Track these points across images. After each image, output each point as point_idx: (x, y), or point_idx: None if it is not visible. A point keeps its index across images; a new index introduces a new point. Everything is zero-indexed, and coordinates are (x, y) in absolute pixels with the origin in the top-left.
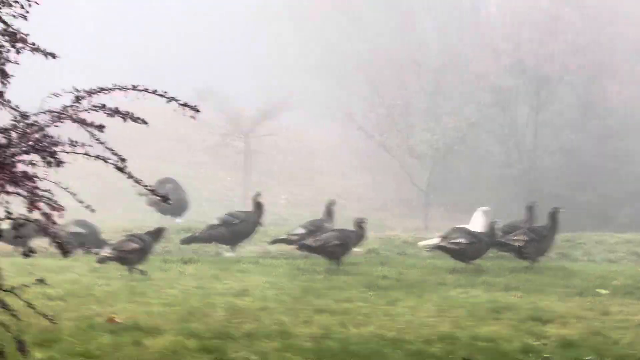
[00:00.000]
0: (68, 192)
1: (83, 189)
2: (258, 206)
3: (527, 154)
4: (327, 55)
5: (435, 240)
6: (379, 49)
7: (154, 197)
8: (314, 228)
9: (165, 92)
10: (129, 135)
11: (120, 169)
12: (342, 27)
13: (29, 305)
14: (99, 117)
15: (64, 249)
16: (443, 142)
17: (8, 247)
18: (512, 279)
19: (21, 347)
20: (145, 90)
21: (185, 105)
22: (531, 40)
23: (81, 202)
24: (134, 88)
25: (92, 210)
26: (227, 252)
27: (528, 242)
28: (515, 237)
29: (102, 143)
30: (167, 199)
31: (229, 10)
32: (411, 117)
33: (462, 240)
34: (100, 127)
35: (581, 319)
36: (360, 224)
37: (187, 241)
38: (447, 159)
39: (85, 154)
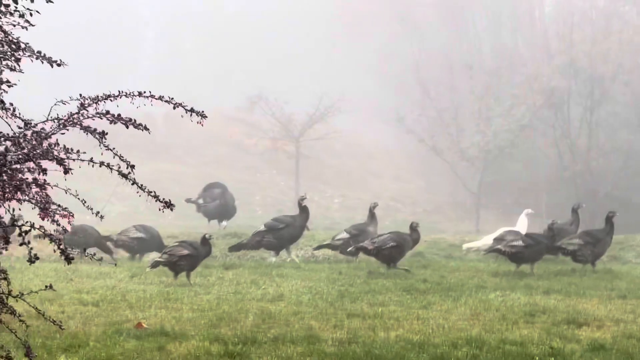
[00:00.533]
0: (78, 198)
1: (134, 195)
2: (303, 210)
3: (581, 156)
4: (380, 59)
5: (479, 243)
6: (431, 51)
7: (200, 204)
8: (357, 232)
9: (172, 98)
10: (185, 141)
11: (125, 176)
12: (394, 29)
13: (37, 311)
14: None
15: (67, 255)
16: (494, 144)
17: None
18: (556, 282)
19: (28, 352)
20: (152, 96)
21: (192, 110)
22: (584, 40)
23: (90, 208)
24: (140, 95)
25: (102, 217)
26: (273, 258)
27: (583, 246)
28: (570, 241)
29: (110, 149)
30: (172, 205)
31: (282, 15)
32: (462, 119)
33: (519, 243)
34: (103, 134)
35: (618, 321)
36: (415, 228)
37: (235, 249)
38: (498, 162)
39: (90, 160)
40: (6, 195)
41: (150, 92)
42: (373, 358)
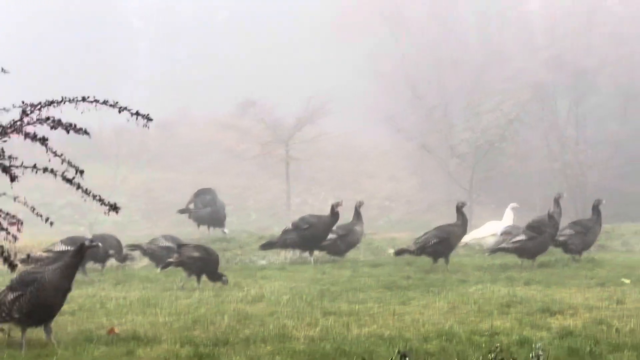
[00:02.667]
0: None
1: (131, 204)
2: (333, 214)
3: (569, 147)
4: (370, 58)
5: (467, 238)
6: (419, 49)
7: (191, 209)
8: (345, 232)
9: (116, 103)
10: (178, 149)
11: (69, 180)
12: (383, 28)
13: None
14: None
15: (11, 263)
16: (484, 139)
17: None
18: (538, 273)
19: None
20: (96, 101)
21: (137, 114)
22: (566, 34)
23: (40, 215)
24: (84, 100)
25: (52, 224)
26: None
27: (573, 236)
28: (561, 232)
29: (58, 156)
30: (117, 207)
31: (270, 19)
32: (452, 116)
33: (522, 237)
34: (43, 140)
35: (592, 309)
36: (461, 210)
37: (266, 247)
38: (490, 157)
39: (34, 167)
40: None
41: (94, 97)
42: (342, 354)
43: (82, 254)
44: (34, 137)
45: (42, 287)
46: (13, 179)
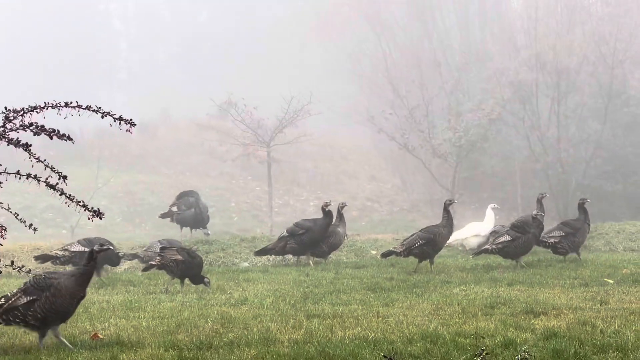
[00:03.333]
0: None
1: (113, 206)
2: (327, 215)
3: (551, 147)
4: (350, 58)
5: (449, 239)
6: (400, 49)
7: (175, 212)
8: (328, 234)
9: (100, 108)
10: (159, 151)
11: (52, 187)
12: (364, 29)
13: None
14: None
15: None
16: (465, 139)
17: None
18: (521, 273)
19: None
20: (79, 106)
21: (120, 119)
22: (547, 34)
23: (23, 220)
24: (67, 105)
25: (35, 230)
26: (311, 262)
27: (563, 237)
28: (550, 234)
29: (41, 161)
30: (101, 213)
31: (250, 21)
32: (433, 116)
33: (506, 238)
34: (27, 146)
35: (576, 309)
36: (448, 208)
37: (261, 253)
38: (472, 157)
39: (17, 173)
40: None
41: (77, 102)
42: (327, 357)
43: (94, 259)
44: (17, 143)
45: (59, 293)
46: None
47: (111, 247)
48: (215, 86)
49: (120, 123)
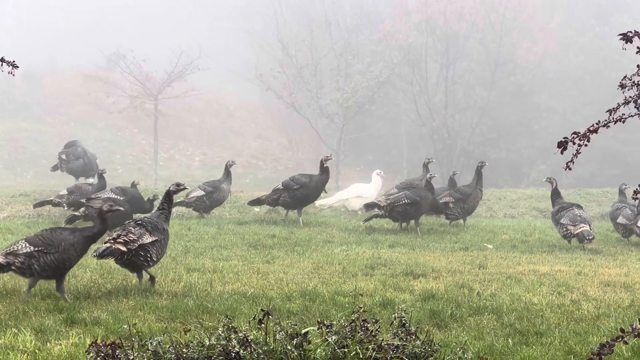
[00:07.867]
0: None
1: None
2: (324, 171)
3: (438, 112)
4: (241, 15)
5: (332, 200)
6: (292, 7)
7: (63, 159)
8: (212, 189)
9: None
10: (44, 99)
11: None
12: None
13: None
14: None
15: None
16: (353, 101)
17: None
18: (402, 236)
19: None
20: None
21: (2, 60)
22: None
23: None
24: None
25: None
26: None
27: (453, 203)
28: (441, 199)
29: None
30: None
31: None
32: (322, 76)
33: (405, 200)
34: None
35: (455, 272)
36: (429, 180)
37: (254, 203)
38: (359, 119)
39: None
40: None
41: None
42: (205, 311)
43: (105, 219)
44: None
45: (66, 250)
46: None
47: (121, 208)
48: (105, 38)
49: (1, 65)
